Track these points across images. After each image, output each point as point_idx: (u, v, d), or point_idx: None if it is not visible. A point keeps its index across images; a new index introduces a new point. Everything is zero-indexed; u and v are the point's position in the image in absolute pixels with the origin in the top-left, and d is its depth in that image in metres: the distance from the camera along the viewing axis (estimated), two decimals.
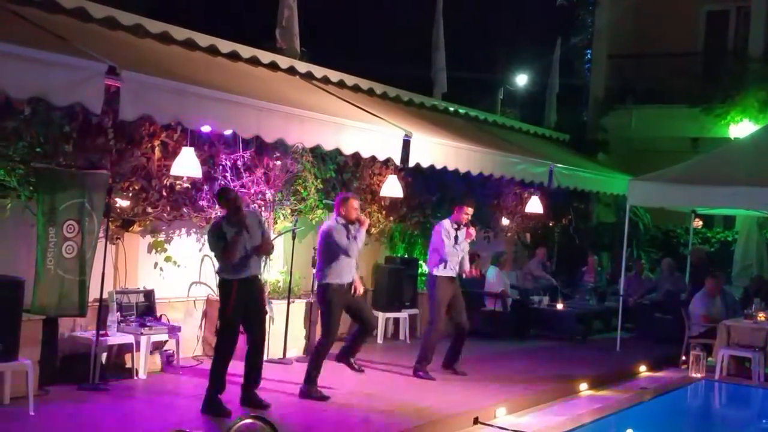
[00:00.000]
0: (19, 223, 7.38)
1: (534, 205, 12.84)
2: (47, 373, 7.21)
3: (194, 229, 9.15)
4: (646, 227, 15.96)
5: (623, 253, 12.43)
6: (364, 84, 10.79)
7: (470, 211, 9.09)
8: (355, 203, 7.86)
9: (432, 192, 12.07)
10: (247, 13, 16.83)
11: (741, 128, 14.53)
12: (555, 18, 20.15)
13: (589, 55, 19.20)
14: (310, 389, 7.67)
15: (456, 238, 8.98)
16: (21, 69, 5.52)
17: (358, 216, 7.82)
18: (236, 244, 6.96)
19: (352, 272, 7.94)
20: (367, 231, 11.22)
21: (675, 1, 16.85)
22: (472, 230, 9.10)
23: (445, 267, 8.96)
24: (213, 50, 8.88)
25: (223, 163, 8.89)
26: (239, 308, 7.05)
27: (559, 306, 12.81)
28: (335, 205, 7.97)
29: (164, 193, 8.34)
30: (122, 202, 8.00)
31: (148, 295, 8.43)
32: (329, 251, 7.77)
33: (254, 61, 9.33)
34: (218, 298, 7.22)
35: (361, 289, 8.12)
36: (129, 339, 7.89)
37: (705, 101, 15.11)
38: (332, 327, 7.84)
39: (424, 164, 9.16)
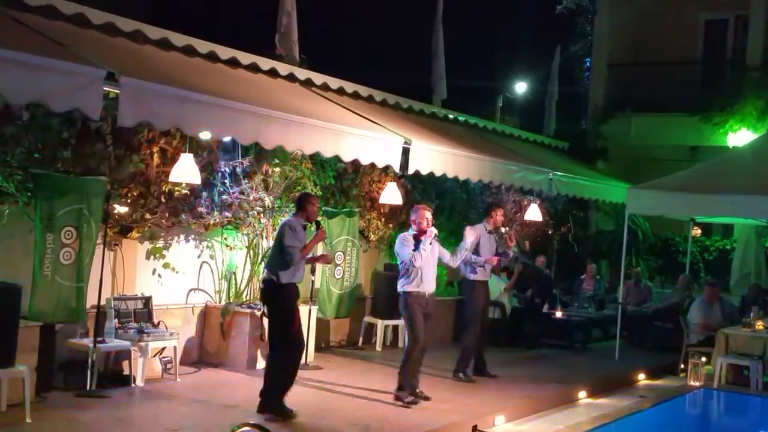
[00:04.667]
0: (16, 229, 7.36)
1: (533, 213, 12.82)
2: (44, 380, 7.18)
3: (193, 236, 9.13)
4: (645, 235, 15.94)
5: (622, 261, 12.43)
6: (364, 91, 10.78)
7: (500, 211, 9.70)
8: (426, 214, 8.21)
9: (431, 199, 12.05)
10: (246, 19, 16.84)
11: (739, 137, 14.54)
12: (554, 26, 20.15)
13: (588, 64, 19.19)
14: (398, 393, 8.07)
15: (489, 235, 9.47)
16: (20, 74, 5.50)
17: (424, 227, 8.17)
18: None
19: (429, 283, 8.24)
20: (366, 238, 11.27)
21: (674, 9, 16.89)
22: (503, 230, 9.60)
23: (478, 271, 9.38)
24: (212, 57, 8.87)
25: (222, 170, 8.89)
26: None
27: (558, 314, 12.80)
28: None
29: (163, 200, 8.33)
30: (120, 209, 7.98)
31: (146, 301, 8.40)
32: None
33: (254, 68, 9.32)
34: (275, 302, 7.30)
35: None
36: (127, 346, 7.86)
37: (704, 110, 15.11)
38: (417, 332, 8.09)
39: (424, 171, 9.15)
